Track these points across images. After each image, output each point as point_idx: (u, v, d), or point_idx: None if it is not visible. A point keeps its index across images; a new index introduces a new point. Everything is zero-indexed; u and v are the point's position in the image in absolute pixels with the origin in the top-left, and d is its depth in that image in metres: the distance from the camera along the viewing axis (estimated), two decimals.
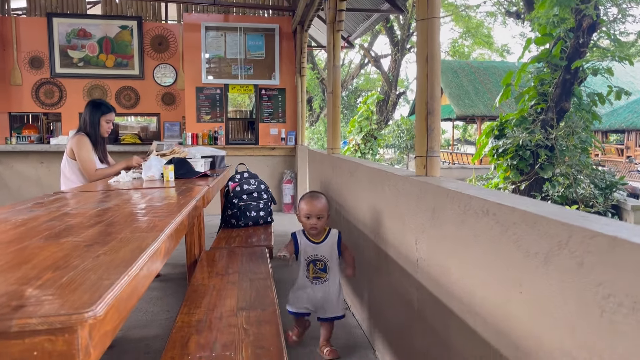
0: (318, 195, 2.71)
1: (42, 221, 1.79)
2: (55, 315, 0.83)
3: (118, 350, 2.89)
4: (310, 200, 2.66)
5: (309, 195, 2.72)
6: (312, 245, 2.68)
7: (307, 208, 2.63)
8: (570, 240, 1.08)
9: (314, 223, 2.62)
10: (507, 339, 1.35)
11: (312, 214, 2.62)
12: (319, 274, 2.67)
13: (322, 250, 2.67)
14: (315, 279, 2.67)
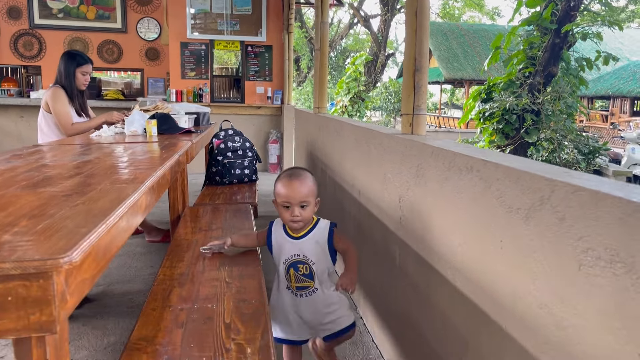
0: (301, 173, 1.83)
1: (20, 172, 1.75)
2: (30, 260, 0.81)
3: (101, 304, 2.90)
4: (289, 181, 1.79)
5: (288, 174, 1.84)
6: (290, 242, 1.85)
7: (285, 192, 1.78)
8: (552, 195, 1.08)
9: (297, 215, 1.77)
10: (486, 294, 1.37)
11: (292, 202, 1.77)
12: (303, 282, 1.84)
13: (305, 248, 1.83)
14: (300, 289, 1.84)
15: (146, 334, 1.38)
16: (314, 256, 1.83)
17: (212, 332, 1.39)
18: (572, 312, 1.02)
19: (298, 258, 1.83)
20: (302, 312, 1.86)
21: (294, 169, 1.88)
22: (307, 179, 1.82)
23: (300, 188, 1.78)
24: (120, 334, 2.54)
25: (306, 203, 1.79)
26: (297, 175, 1.81)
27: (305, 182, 1.80)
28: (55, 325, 0.85)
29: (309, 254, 1.83)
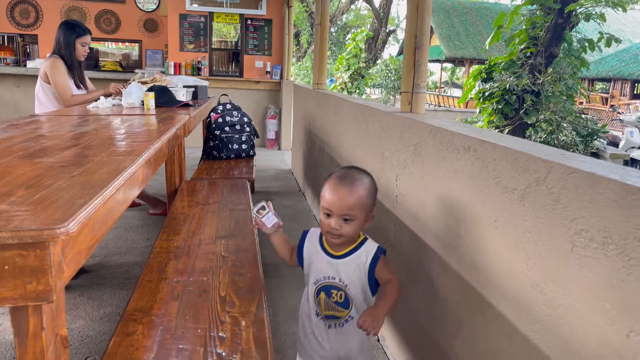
0: (355, 177, 1.45)
1: (17, 142, 1.75)
2: (27, 230, 0.82)
3: (97, 276, 2.92)
4: (337, 184, 1.43)
5: (340, 175, 1.46)
6: (326, 259, 1.49)
7: (329, 197, 1.43)
8: (548, 176, 1.08)
9: (335, 227, 1.42)
10: (480, 273, 1.38)
11: (334, 210, 1.42)
12: (335, 312, 1.47)
13: (343, 271, 1.47)
14: (329, 318, 1.48)
15: (142, 305, 1.39)
16: (352, 282, 1.46)
17: (208, 304, 1.40)
18: (563, 292, 1.03)
19: (332, 282, 1.46)
20: (329, 347, 1.48)
21: (350, 170, 1.48)
22: (360, 187, 1.42)
23: (348, 196, 1.40)
24: (117, 305, 2.57)
25: (351, 217, 1.41)
26: (350, 180, 1.43)
27: (356, 190, 1.41)
28: (51, 295, 0.85)
29: (347, 278, 1.45)
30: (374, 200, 1.48)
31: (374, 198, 1.48)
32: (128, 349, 1.18)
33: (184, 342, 1.21)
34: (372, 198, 1.47)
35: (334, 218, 1.41)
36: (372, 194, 1.47)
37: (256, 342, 1.22)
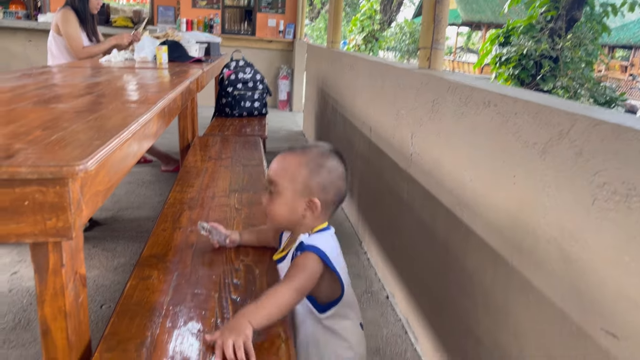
0: (303, 148, 1.25)
1: (30, 89, 1.74)
2: (46, 165, 0.81)
3: (110, 228, 2.96)
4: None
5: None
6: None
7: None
8: (572, 129, 1.06)
9: (262, 200, 1.27)
10: (494, 228, 1.38)
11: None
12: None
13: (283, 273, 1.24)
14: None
15: (157, 252, 1.41)
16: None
17: (222, 253, 1.41)
18: (581, 246, 1.02)
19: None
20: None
21: (314, 144, 1.27)
22: (296, 157, 1.20)
23: (275, 163, 1.24)
24: (130, 257, 2.61)
25: (273, 189, 1.20)
26: (294, 149, 1.25)
27: (289, 158, 1.21)
28: (71, 232, 0.86)
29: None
30: (316, 181, 1.17)
31: (316, 177, 1.17)
32: (144, 292, 1.20)
33: (198, 288, 1.22)
34: (308, 174, 1.17)
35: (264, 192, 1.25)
36: (310, 170, 1.17)
37: None
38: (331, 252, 1.17)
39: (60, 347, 0.94)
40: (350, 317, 1.26)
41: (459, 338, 1.60)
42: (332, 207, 1.24)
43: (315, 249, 1.14)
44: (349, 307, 1.25)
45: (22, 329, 1.96)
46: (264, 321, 1.02)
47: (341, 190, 1.23)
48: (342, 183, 1.23)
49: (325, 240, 1.20)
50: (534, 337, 1.18)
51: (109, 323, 1.07)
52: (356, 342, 1.26)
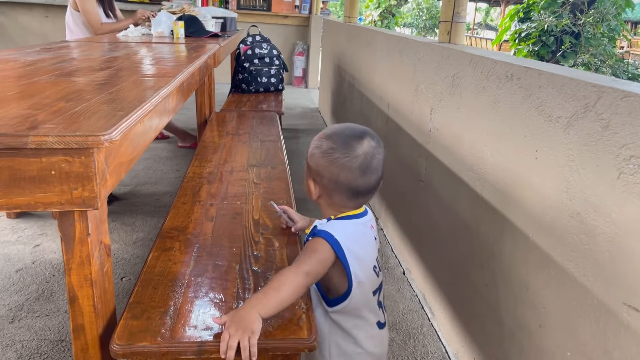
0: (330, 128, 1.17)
1: (51, 63, 1.75)
2: (72, 135, 0.82)
3: (129, 203, 2.99)
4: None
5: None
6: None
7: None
8: (598, 101, 1.04)
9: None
10: (515, 204, 1.37)
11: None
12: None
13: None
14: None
15: (178, 224, 1.42)
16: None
17: (242, 226, 1.43)
18: (605, 221, 1.01)
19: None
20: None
21: (334, 126, 1.17)
22: (315, 140, 1.15)
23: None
24: (148, 231, 2.64)
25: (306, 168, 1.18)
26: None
27: (314, 141, 1.15)
28: (96, 201, 0.87)
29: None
30: (313, 162, 1.12)
31: (312, 158, 1.12)
32: (166, 262, 1.22)
33: (220, 259, 1.24)
34: (309, 154, 1.14)
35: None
36: (311, 150, 1.13)
37: (290, 261, 1.24)
38: (347, 240, 1.06)
39: (87, 314, 0.96)
40: (363, 315, 1.13)
41: (476, 312, 1.61)
42: (339, 195, 1.10)
43: (326, 235, 1.06)
44: (364, 306, 1.13)
45: (45, 300, 2.01)
46: (274, 309, 0.98)
47: (338, 178, 1.07)
48: (340, 171, 1.07)
49: (344, 227, 1.09)
50: (554, 312, 1.18)
51: (133, 292, 1.09)
52: (366, 341, 1.15)
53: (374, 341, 1.16)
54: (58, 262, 2.30)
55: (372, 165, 1.08)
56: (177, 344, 0.94)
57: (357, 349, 1.14)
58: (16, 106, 1.02)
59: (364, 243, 1.12)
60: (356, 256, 1.07)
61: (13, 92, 1.18)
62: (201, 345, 0.94)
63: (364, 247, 1.11)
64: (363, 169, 1.07)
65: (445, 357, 1.80)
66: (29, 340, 1.77)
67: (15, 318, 1.89)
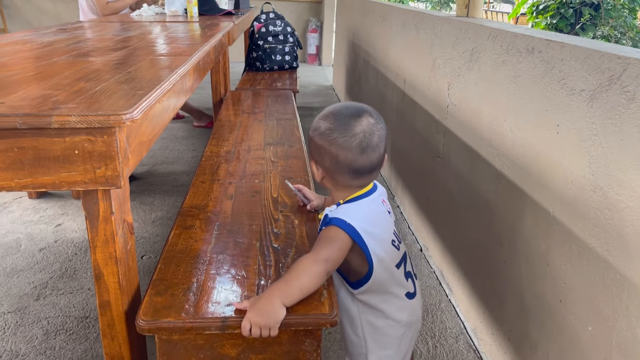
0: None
1: (68, 43, 1.75)
2: (94, 114, 0.83)
3: (147, 182, 3.02)
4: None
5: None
6: None
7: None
8: (623, 74, 1.02)
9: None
10: (535, 179, 1.35)
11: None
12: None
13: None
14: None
15: (197, 202, 1.44)
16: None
17: (261, 204, 1.43)
18: (629, 195, 1.00)
19: None
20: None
21: (335, 105, 1.13)
22: (314, 122, 1.12)
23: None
24: (167, 210, 2.67)
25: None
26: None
27: (312, 123, 1.12)
28: (120, 180, 0.88)
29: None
30: (313, 143, 1.10)
31: (312, 139, 1.10)
32: (187, 240, 1.23)
33: (240, 236, 1.25)
34: (315, 143, 1.10)
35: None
36: (315, 139, 1.09)
37: (309, 238, 1.25)
38: (361, 222, 1.04)
39: (112, 291, 0.98)
40: (390, 291, 1.13)
41: (495, 289, 1.61)
42: (342, 175, 1.08)
43: (338, 222, 1.03)
44: (389, 282, 1.12)
45: (69, 278, 2.05)
46: (296, 297, 0.99)
47: (338, 158, 1.05)
48: (339, 151, 1.04)
49: (355, 209, 1.07)
50: (575, 287, 1.17)
51: (156, 269, 1.11)
52: (397, 312, 1.14)
53: (405, 312, 1.15)
54: (80, 241, 2.34)
55: (372, 143, 1.05)
56: (201, 319, 0.95)
57: (388, 321, 1.14)
58: (36, 87, 1.03)
59: (378, 221, 1.11)
60: (373, 236, 1.06)
61: (33, 73, 1.18)
62: (225, 321, 0.95)
63: (379, 225, 1.10)
64: (362, 148, 1.04)
65: (464, 332, 1.81)
66: (55, 317, 1.82)
67: (40, 295, 1.94)
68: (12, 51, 1.56)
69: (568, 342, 1.21)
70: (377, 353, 1.15)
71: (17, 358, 1.62)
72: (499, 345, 1.58)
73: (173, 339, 0.97)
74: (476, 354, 1.70)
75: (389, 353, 1.16)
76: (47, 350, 1.66)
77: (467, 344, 1.75)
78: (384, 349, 1.15)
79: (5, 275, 2.06)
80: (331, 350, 1.69)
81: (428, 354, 1.69)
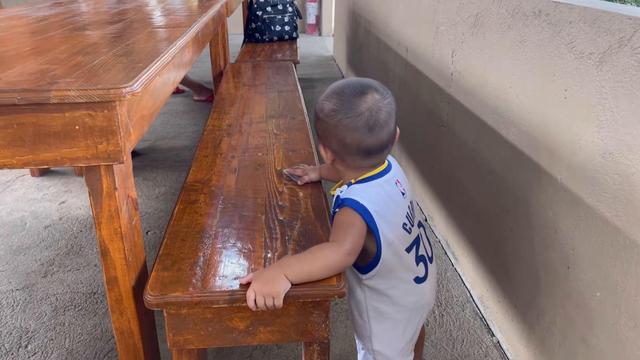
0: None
1: (63, 17, 1.72)
2: (94, 88, 0.81)
3: (149, 158, 3.01)
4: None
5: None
6: None
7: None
8: (634, 35, 0.99)
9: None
10: (542, 146, 1.34)
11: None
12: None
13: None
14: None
15: (201, 177, 1.43)
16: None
17: (265, 177, 1.42)
18: (639, 160, 0.98)
19: None
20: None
21: (339, 81, 1.10)
22: (317, 102, 1.08)
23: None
24: (170, 185, 2.67)
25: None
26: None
27: (316, 104, 1.09)
28: (122, 155, 0.87)
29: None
30: (318, 125, 1.07)
31: (324, 128, 1.05)
32: (192, 215, 1.22)
33: (245, 210, 1.24)
34: (320, 125, 1.06)
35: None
36: (320, 121, 1.06)
37: (315, 210, 1.24)
38: (373, 204, 1.01)
39: (119, 266, 0.98)
40: (397, 276, 1.09)
41: (501, 257, 1.61)
42: (351, 157, 1.04)
43: (352, 204, 1.00)
44: (397, 266, 1.09)
45: (75, 255, 2.06)
46: (304, 278, 0.97)
47: (345, 140, 1.01)
48: (346, 132, 1.01)
49: (368, 190, 1.04)
50: (583, 253, 1.17)
51: (162, 244, 1.11)
52: (404, 297, 1.11)
53: (412, 296, 1.12)
54: (84, 217, 2.34)
55: (379, 120, 1.00)
56: (209, 293, 0.95)
57: (395, 306, 1.11)
58: (33, 62, 1.01)
59: (390, 204, 1.06)
60: (385, 219, 1.02)
61: (29, 48, 1.16)
62: (232, 294, 0.95)
63: (390, 207, 1.06)
64: (370, 126, 1.00)
65: (470, 301, 1.82)
66: (63, 293, 1.83)
67: (47, 272, 1.95)
68: (7, 26, 1.53)
69: (575, 309, 1.21)
70: (380, 335, 1.14)
71: (27, 334, 1.64)
72: (505, 312, 1.59)
73: (181, 313, 0.97)
74: (483, 322, 1.71)
75: (394, 336, 1.14)
76: (56, 326, 1.68)
77: (473, 312, 1.76)
78: (387, 332, 1.14)
79: (12, 253, 2.07)
80: (338, 320, 1.70)
81: (435, 322, 1.70)
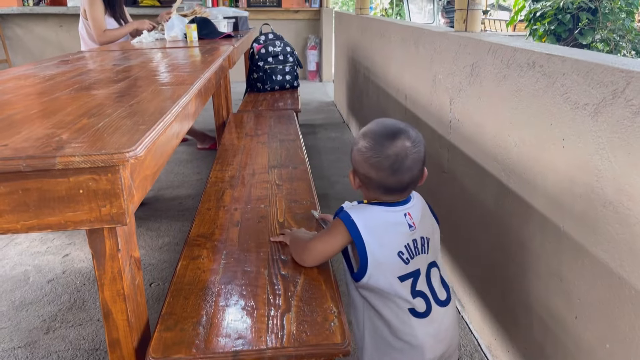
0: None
1: (70, 76, 1.77)
2: (98, 154, 0.83)
3: (153, 208, 3.02)
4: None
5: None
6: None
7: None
8: (627, 87, 1.01)
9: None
10: (542, 194, 1.34)
11: None
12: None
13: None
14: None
15: (204, 231, 1.43)
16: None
17: (267, 229, 1.43)
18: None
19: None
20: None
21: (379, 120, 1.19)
22: (356, 135, 1.21)
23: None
24: (174, 236, 2.67)
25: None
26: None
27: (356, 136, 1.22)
28: (125, 217, 0.88)
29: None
30: (352, 155, 1.18)
31: (355, 160, 1.16)
32: (195, 271, 1.22)
33: (248, 265, 1.24)
34: (353, 156, 1.17)
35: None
36: (353, 153, 1.17)
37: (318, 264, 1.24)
38: (367, 221, 1.10)
39: (121, 328, 0.97)
40: (390, 297, 1.12)
41: (508, 305, 1.59)
42: (373, 190, 1.14)
43: (344, 216, 1.12)
44: (387, 289, 1.11)
45: (78, 309, 2.04)
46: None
47: (370, 175, 1.11)
48: (372, 170, 1.11)
49: (368, 211, 1.13)
50: (590, 303, 1.16)
51: (165, 303, 1.10)
52: (399, 326, 1.12)
53: (409, 328, 1.11)
54: (87, 270, 2.33)
55: (404, 165, 1.10)
56: (212, 354, 0.94)
57: (389, 329, 1.12)
58: (40, 125, 1.03)
59: (389, 228, 1.12)
60: (376, 237, 1.10)
61: (36, 110, 1.19)
62: (235, 355, 0.94)
63: (386, 232, 1.12)
64: (394, 170, 1.10)
65: (478, 350, 1.78)
66: (64, 351, 1.80)
67: (49, 329, 1.93)
68: (15, 87, 1.57)
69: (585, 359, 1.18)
70: (373, 355, 1.16)
71: None
72: None
73: None
74: None
75: None
76: None
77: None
78: (380, 355, 1.15)
79: (15, 309, 2.05)
80: None
81: None
